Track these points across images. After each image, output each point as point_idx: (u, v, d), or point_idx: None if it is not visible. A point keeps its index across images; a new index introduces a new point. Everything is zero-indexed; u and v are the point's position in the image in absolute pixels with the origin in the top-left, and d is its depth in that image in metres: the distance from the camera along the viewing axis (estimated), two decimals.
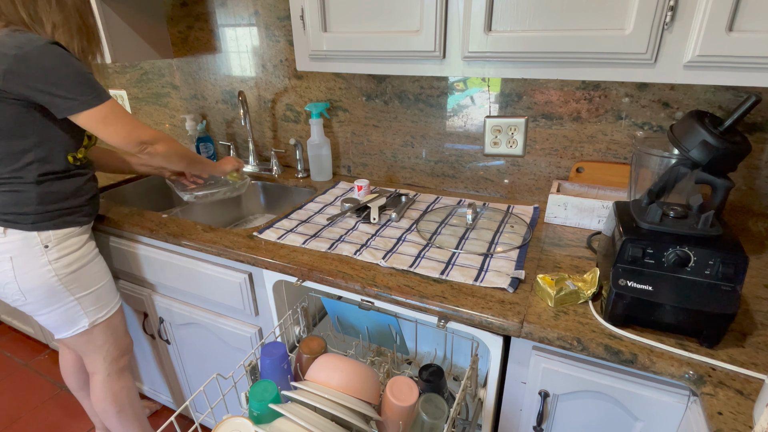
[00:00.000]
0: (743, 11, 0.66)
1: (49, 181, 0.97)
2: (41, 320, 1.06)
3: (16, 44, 0.86)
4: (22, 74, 0.86)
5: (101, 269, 1.10)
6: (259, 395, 0.69)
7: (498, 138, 1.17)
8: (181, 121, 1.74)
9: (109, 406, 1.20)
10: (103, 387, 1.18)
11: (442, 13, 0.85)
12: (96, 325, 1.10)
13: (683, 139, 0.74)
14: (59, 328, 1.07)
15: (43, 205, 0.97)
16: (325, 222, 1.10)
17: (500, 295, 0.80)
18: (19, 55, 0.85)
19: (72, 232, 1.02)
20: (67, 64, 0.88)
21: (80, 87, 0.89)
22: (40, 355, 1.94)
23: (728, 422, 0.55)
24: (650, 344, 0.67)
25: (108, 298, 1.12)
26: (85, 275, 1.05)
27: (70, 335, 1.08)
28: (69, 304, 1.04)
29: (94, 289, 1.08)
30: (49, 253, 0.98)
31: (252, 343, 1.14)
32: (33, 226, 0.96)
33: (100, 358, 1.15)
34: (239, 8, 1.39)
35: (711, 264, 0.66)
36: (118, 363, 1.19)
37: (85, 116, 0.91)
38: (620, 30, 0.74)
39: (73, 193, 1.02)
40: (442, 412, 0.75)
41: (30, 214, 0.96)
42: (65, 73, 0.88)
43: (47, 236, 0.98)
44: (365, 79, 1.29)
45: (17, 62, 0.85)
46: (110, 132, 0.93)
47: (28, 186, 0.95)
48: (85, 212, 1.06)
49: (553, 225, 1.06)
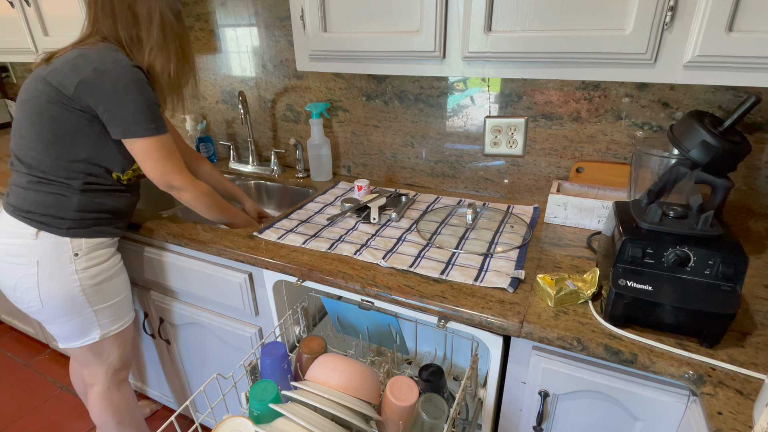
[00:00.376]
0: (743, 11, 0.66)
1: (93, 192, 0.98)
2: (52, 328, 1.04)
3: (100, 59, 0.88)
4: (94, 88, 0.88)
5: (122, 282, 1.09)
6: (259, 395, 0.69)
7: (498, 138, 1.17)
8: (181, 121, 1.74)
9: (108, 418, 1.18)
10: (104, 399, 1.16)
11: (442, 14, 0.85)
12: (107, 337, 1.09)
13: (683, 139, 0.74)
14: (68, 338, 1.05)
15: (81, 212, 0.97)
16: (325, 222, 1.11)
17: (500, 295, 0.80)
18: (98, 69, 0.88)
19: (102, 243, 1.02)
20: (140, 91, 0.90)
21: (142, 115, 0.91)
22: (41, 355, 1.94)
23: (728, 422, 0.55)
24: (650, 344, 0.67)
25: (124, 311, 1.11)
26: (108, 288, 1.04)
27: (78, 346, 1.06)
28: (85, 315, 1.03)
29: (113, 302, 1.07)
30: (77, 262, 0.98)
31: (252, 343, 1.14)
32: (67, 231, 0.96)
33: (102, 370, 1.13)
34: (239, 8, 1.39)
35: (711, 264, 0.66)
36: (119, 375, 1.17)
37: (134, 143, 0.93)
38: (620, 30, 0.74)
39: (112, 207, 1.02)
40: (442, 412, 0.75)
41: (67, 219, 0.96)
42: (133, 99, 0.90)
43: (79, 244, 0.97)
44: (365, 79, 1.29)
45: (94, 76, 0.87)
46: (148, 166, 0.96)
47: (72, 192, 0.96)
48: (119, 225, 1.06)
49: (553, 225, 1.06)
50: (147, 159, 0.95)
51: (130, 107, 0.90)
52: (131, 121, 0.91)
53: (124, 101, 0.89)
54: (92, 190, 0.98)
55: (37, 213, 0.94)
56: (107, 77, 0.88)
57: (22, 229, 0.94)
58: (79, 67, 0.88)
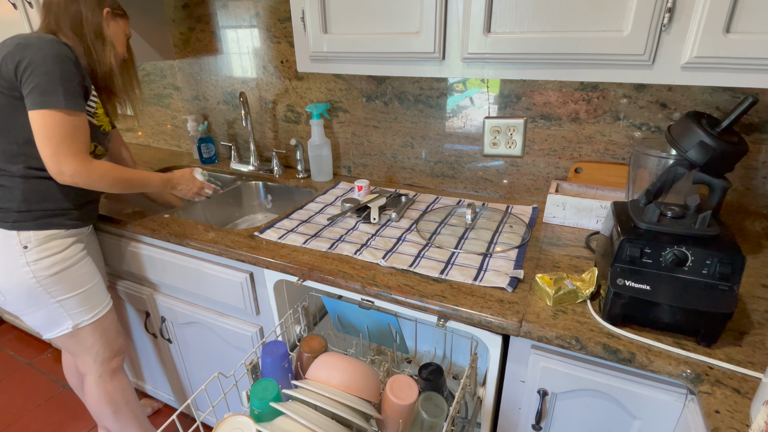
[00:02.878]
0: (740, 13, 0.67)
1: (35, 179, 0.95)
2: (25, 320, 1.05)
3: (25, 37, 0.89)
4: (16, 61, 0.87)
5: (88, 271, 1.07)
6: (260, 394, 0.70)
7: (497, 139, 1.18)
8: (182, 122, 1.75)
9: (104, 407, 1.19)
10: (96, 388, 1.17)
11: (442, 15, 0.86)
12: (81, 327, 1.07)
13: (681, 140, 0.75)
14: (43, 328, 1.06)
15: (26, 203, 0.95)
16: (326, 222, 1.11)
17: (499, 294, 0.80)
18: (21, 44, 0.88)
19: (55, 234, 0.99)
20: (57, 63, 0.88)
21: (53, 86, 0.87)
22: (43, 354, 1.95)
23: (725, 420, 0.56)
24: (648, 343, 0.68)
25: (96, 300, 1.09)
26: (69, 277, 1.02)
27: (56, 336, 1.07)
28: (50, 307, 1.02)
29: (79, 291, 1.05)
30: (27, 254, 0.95)
31: (253, 342, 1.15)
32: (13, 225, 0.94)
33: (90, 359, 1.13)
34: (240, 10, 1.40)
35: (708, 263, 0.66)
36: (110, 364, 1.17)
37: (37, 115, 0.88)
38: (618, 32, 0.74)
39: (60, 195, 0.99)
40: (441, 411, 0.75)
41: (12, 211, 0.94)
42: (48, 70, 0.87)
43: (27, 236, 0.96)
44: (365, 80, 1.30)
45: (17, 50, 0.88)
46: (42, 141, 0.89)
47: (15, 181, 0.94)
48: (73, 216, 1.03)
49: (552, 225, 1.06)
50: (43, 133, 0.88)
51: (43, 78, 0.87)
52: (40, 92, 0.87)
53: (39, 72, 0.87)
54: (35, 177, 0.95)
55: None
56: (29, 50, 0.87)
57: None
58: (5, 45, 0.89)
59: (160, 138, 1.86)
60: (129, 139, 1.97)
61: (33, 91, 0.87)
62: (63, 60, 0.89)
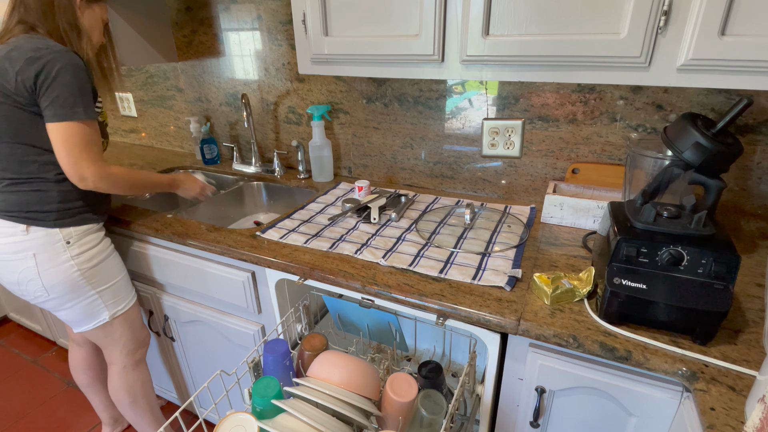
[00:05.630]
0: (735, 16, 0.68)
1: (68, 181, 0.99)
2: (62, 315, 1.08)
3: (34, 47, 0.89)
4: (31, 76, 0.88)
5: (117, 264, 1.13)
6: (262, 391, 0.71)
7: (495, 140, 1.19)
8: (185, 123, 1.76)
9: (123, 397, 1.24)
10: (120, 378, 1.22)
11: (441, 18, 0.87)
12: (115, 317, 1.13)
13: (677, 141, 0.75)
14: (80, 322, 1.10)
15: (64, 203, 1.00)
16: (327, 222, 1.12)
17: (498, 293, 0.81)
18: (32, 58, 0.88)
19: (90, 229, 1.05)
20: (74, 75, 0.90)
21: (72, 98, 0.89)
22: (48, 352, 1.96)
23: (720, 417, 0.56)
24: (644, 341, 0.68)
25: (125, 291, 1.16)
26: (105, 269, 1.08)
27: (91, 328, 1.11)
28: (90, 298, 1.07)
29: (112, 283, 1.11)
30: (71, 249, 1.01)
31: (255, 341, 1.16)
32: (55, 222, 0.99)
33: (117, 350, 1.18)
34: (242, 13, 1.41)
35: (704, 263, 0.67)
36: (135, 355, 1.22)
37: (57, 127, 0.91)
38: (615, 34, 0.75)
39: (90, 194, 1.04)
40: (440, 408, 0.76)
41: (53, 211, 0.99)
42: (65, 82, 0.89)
43: (68, 232, 1.01)
44: (366, 82, 1.31)
45: (28, 65, 0.88)
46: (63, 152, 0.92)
47: (50, 185, 0.98)
48: (102, 210, 1.09)
49: (550, 225, 1.07)
50: (63, 144, 0.91)
51: (62, 90, 0.89)
52: (60, 104, 0.89)
53: (57, 84, 0.88)
54: (66, 179, 0.99)
55: (22, 211, 0.97)
56: (43, 63, 0.88)
57: (12, 228, 0.97)
58: (12, 59, 0.88)
59: (163, 139, 1.88)
60: (132, 140, 1.99)
61: (53, 104, 0.90)
62: (78, 71, 0.91)
